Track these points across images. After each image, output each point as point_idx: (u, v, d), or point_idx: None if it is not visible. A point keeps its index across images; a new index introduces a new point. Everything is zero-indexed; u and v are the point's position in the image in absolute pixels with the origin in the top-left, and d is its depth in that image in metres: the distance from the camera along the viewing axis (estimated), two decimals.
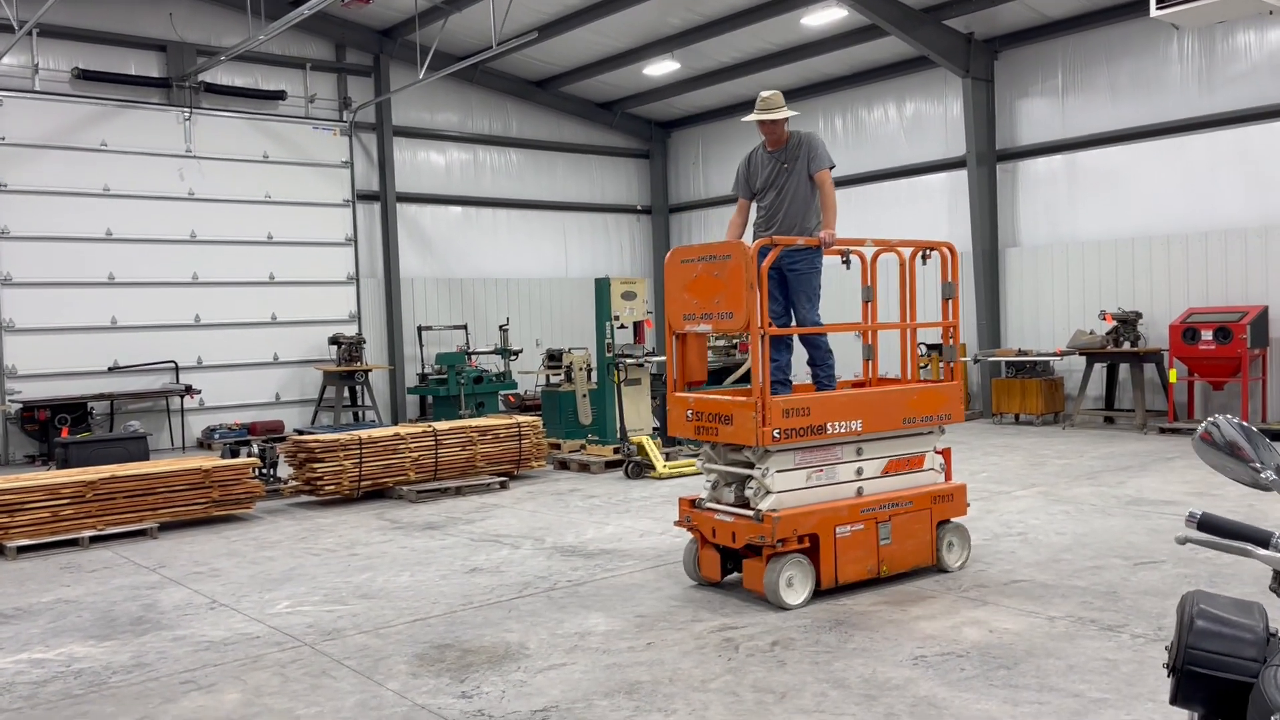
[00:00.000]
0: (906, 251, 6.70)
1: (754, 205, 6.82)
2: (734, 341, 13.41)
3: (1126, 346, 13.30)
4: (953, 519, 6.49)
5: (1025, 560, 6.67)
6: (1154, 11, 10.57)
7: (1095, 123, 14.31)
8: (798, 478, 5.91)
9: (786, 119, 6.57)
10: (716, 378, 12.65)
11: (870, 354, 7.03)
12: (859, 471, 6.15)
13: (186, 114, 15.30)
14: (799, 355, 6.71)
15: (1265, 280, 12.67)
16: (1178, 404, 13.13)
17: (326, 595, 6.49)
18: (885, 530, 6.11)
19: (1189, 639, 2.00)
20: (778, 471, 5.82)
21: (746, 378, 13.15)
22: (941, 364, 6.93)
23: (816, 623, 5.47)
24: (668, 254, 6.41)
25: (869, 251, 6.72)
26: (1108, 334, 13.50)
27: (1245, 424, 2.14)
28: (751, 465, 5.91)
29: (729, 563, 6.18)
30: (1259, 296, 12.68)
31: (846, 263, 6.35)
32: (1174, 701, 2.03)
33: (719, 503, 6.17)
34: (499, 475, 10.71)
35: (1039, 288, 15.04)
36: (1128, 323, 13.35)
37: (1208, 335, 12.32)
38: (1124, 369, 13.85)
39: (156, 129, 15.12)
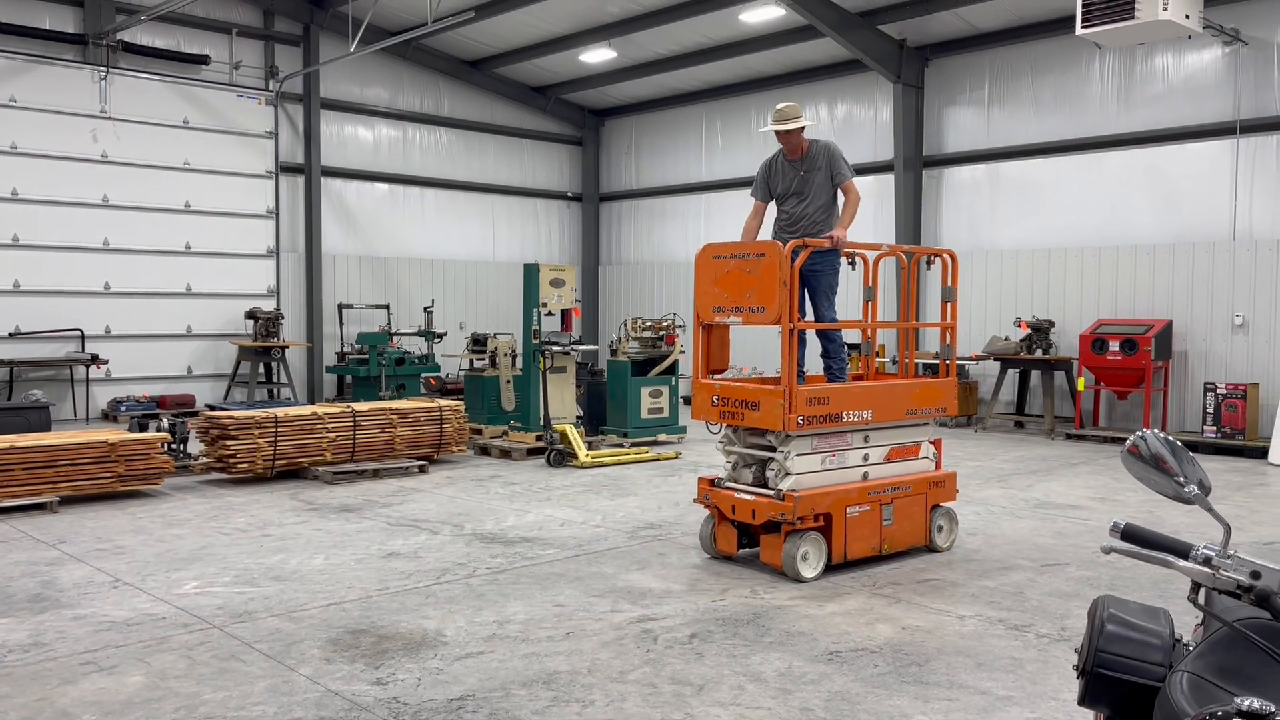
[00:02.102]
0: (908, 257, 7.40)
1: (773, 207, 7.33)
2: (660, 334, 13.42)
3: (1039, 354, 13.71)
4: (944, 503, 7.07)
5: (937, 560, 6.83)
6: (1079, 30, 10.91)
7: (1019, 134, 14.69)
8: (814, 461, 6.44)
9: (803, 128, 7.08)
10: (642, 369, 12.66)
11: (870, 349, 7.76)
12: (865, 457, 6.70)
13: (103, 73, 14.72)
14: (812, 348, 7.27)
15: (1170, 295, 13.18)
16: (1084, 411, 13.59)
17: (237, 576, 6.33)
18: (888, 512, 6.67)
19: (1099, 642, 2.06)
20: (798, 455, 6.33)
21: (670, 369, 13.20)
22: (935, 362, 7.50)
23: (734, 616, 5.52)
24: (699, 249, 6.85)
25: (871, 255, 7.36)
26: (1022, 341, 13.89)
27: (1171, 439, 2.22)
28: (772, 449, 6.42)
29: (743, 538, 6.66)
30: (1164, 310, 13.18)
31: (852, 264, 6.97)
32: (1082, 702, 2.10)
33: (738, 483, 6.64)
34: (418, 459, 10.57)
35: (959, 293, 15.37)
36: (1041, 331, 13.76)
37: (1115, 346, 12.77)
38: (1035, 375, 14.28)
39: (70, 87, 14.52)
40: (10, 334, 14.03)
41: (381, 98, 17.91)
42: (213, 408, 10.85)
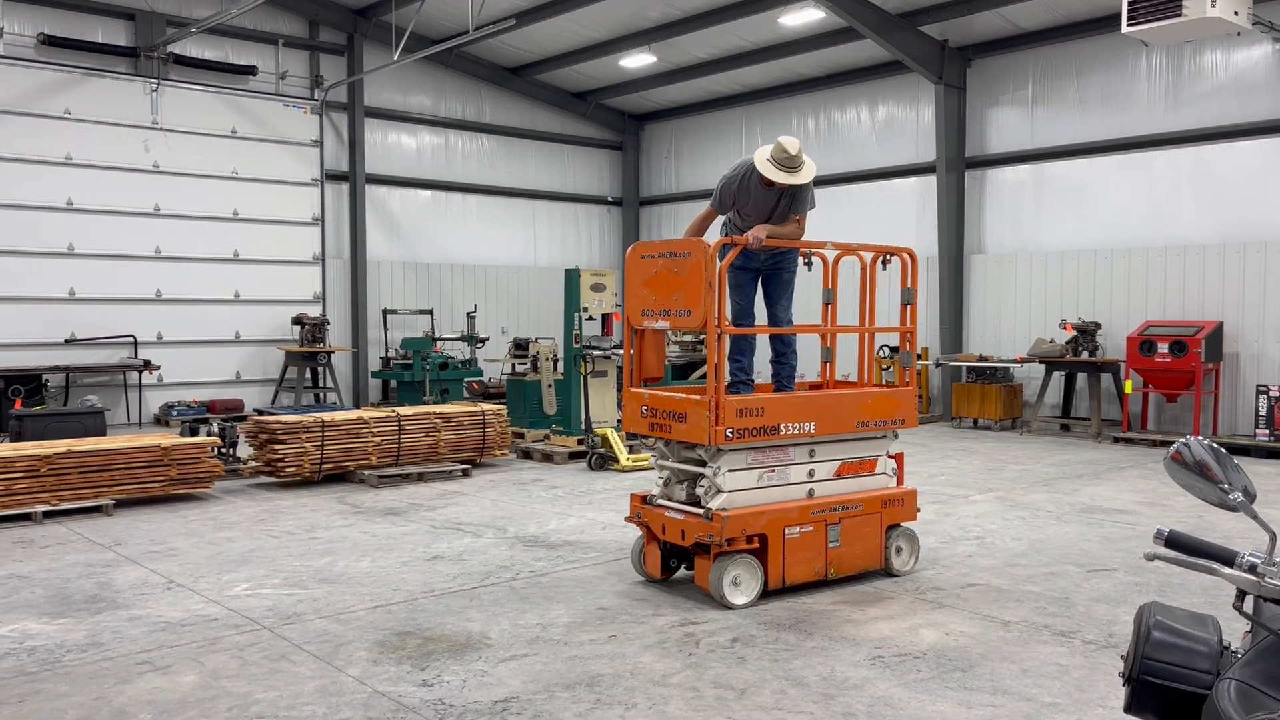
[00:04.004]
0: (868, 256, 6.68)
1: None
2: (700, 337, 13.45)
3: (1085, 356, 13.54)
4: (903, 523, 6.53)
5: (981, 565, 6.78)
6: (1125, 28, 10.75)
7: (1063, 134, 14.52)
8: (749, 478, 5.93)
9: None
10: (682, 373, 12.68)
11: (829, 356, 7.06)
12: (811, 473, 6.18)
13: (154, 85, 15.04)
14: (762, 354, 6.74)
15: (1221, 296, 12.95)
16: (1132, 415, 13.38)
17: (286, 578, 6.45)
18: (834, 532, 6.15)
19: (1145, 649, 2.05)
20: (729, 471, 5.84)
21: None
22: (897, 368, 7.02)
23: (776, 621, 5.53)
24: (628, 249, 6.41)
25: (830, 254, 6.75)
26: (1067, 343, 13.72)
27: (1215, 445, 2.20)
28: (704, 463, 5.92)
29: (673, 560, 6.27)
30: (1214, 312, 12.95)
31: (809, 265, 6.39)
32: (1128, 710, 2.09)
33: (670, 500, 6.17)
34: (462, 463, 10.68)
35: (1002, 295, 15.25)
36: (1087, 333, 13.58)
37: (1164, 348, 12.57)
38: (1081, 378, 14.09)
39: (122, 99, 14.86)
40: (66, 341, 14.38)
41: (424, 105, 18.12)
42: (261, 412, 11.04)
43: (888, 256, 6.69)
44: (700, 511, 5.85)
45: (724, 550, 5.75)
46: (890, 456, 6.58)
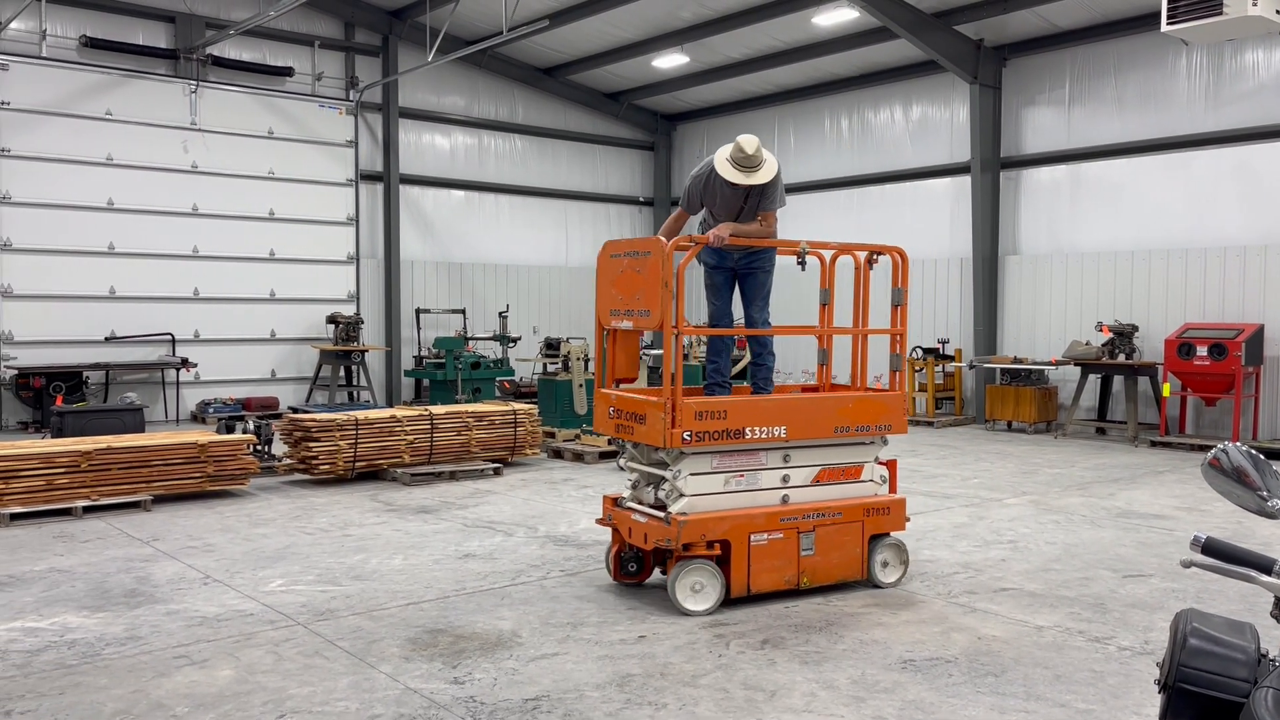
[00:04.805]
0: (861, 255, 6.48)
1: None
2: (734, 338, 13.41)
3: (1122, 359, 13.37)
4: (891, 533, 6.25)
5: (1015, 569, 6.72)
6: (1164, 26, 10.61)
7: (1101, 134, 14.35)
8: (714, 482, 5.78)
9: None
10: None
11: (825, 358, 6.89)
12: (785, 479, 5.97)
13: (193, 86, 15.26)
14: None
15: (1262, 299, 12.74)
16: (1170, 418, 13.20)
17: (320, 575, 6.52)
18: (808, 540, 5.93)
19: (1182, 657, 2.03)
20: (691, 474, 5.71)
21: (742, 374, 13.17)
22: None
23: (807, 623, 5.51)
24: (600, 248, 6.28)
25: (828, 254, 6.58)
26: (1104, 345, 13.56)
27: (1254, 452, 2.18)
28: (667, 466, 5.80)
29: (632, 564, 6.18)
30: (1255, 314, 12.74)
31: (802, 264, 6.14)
32: (1164, 718, 2.07)
33: (640, 503, 6.05)
34: (493, 461, 10.74)
35: (1037, 296, 15.10)
36: (1124, 335, 13.41)
37: (1203, 351, 12.39)
38: (1118, 381, 13.92)
39: (162, 100, 15.08)
40: (106, 338, 14.61)
41: (458, 106, 18.23)
42: (295, 410, 11.17)
43: (875, 255, 6.45)
44: (663, 515, 5.74)
45: (682, 556, 5.64)
46: (881, 463, 6.31)
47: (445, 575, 6.52)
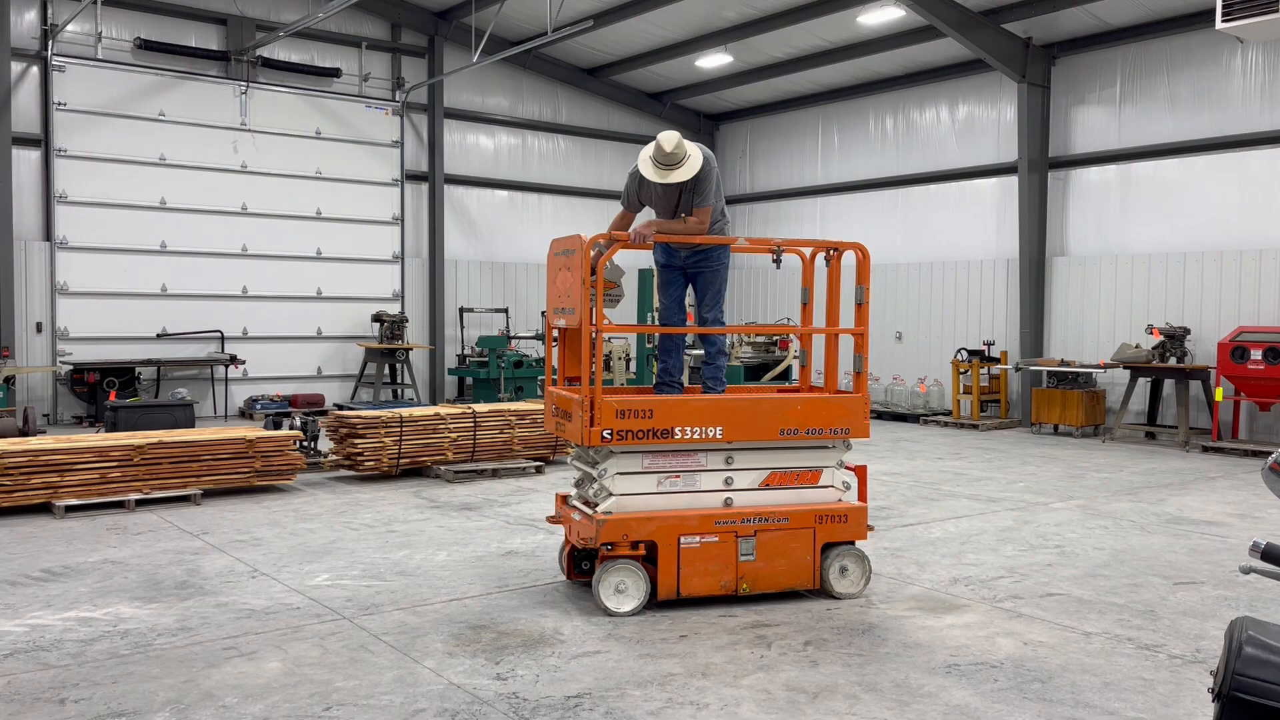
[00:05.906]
0: (807, 251, 6.38)
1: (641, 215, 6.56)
2: (773, 339, 13.38)
3: (1173, 362, 13.13)
4: (855, 542, 5.96)
5: (1062, 574, 6.63)
6: (1219, 24, 10.40)
7: (1152, 133, 14.11)
8: (646, 482, 5.66)
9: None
10: (754, 374, 12.65)
11: (805, 359, 6.72)
12: (728, 481, 5.78)
13: (243, 88, 15.51)
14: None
15: None
16: (1223, 423, 12.94)
17: (365, 570, 6.60)
18: (748, 545, 5.73)
19: (1237, 665, 2.00)
20: (619, 474, 5.61)
21: (784, 375, 13.13)
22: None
23: (849, 625, 5.48)
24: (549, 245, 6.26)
25: (807, 251, 6.45)
26: (1154, 349, 13.32)
27: None
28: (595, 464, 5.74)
29: (585, 562, 6.07)
30: None
31: (777, 262, 6.00)
32: None
33: (583, 501, 6.01)
34: (535, 460, 10.79)
35: (1085, 298, 14.87)
36: (1175, 338, 13.17)
37: (1257, 355, 12.13)
38: (1168, 385, 13.68)
39: (213, 101, 15.36)
40: (158, 335, 14.91)
41: (502, 106, 18.35)
42: (341, 407, 11.30)
43: (830, 252, 6.23)
44: (589, 513, 5.71)
45: (608, 555, 5.58)
46: (848, 469, 6.01)
47: (488, 572, 6.57)
